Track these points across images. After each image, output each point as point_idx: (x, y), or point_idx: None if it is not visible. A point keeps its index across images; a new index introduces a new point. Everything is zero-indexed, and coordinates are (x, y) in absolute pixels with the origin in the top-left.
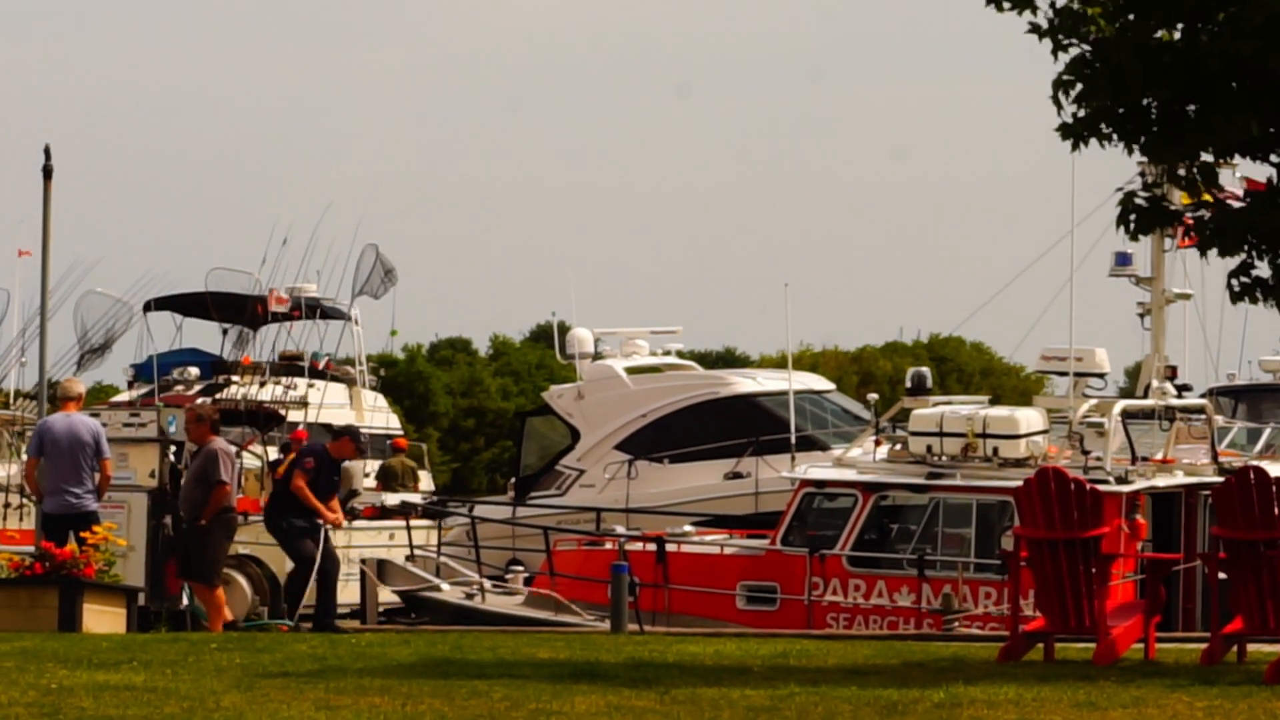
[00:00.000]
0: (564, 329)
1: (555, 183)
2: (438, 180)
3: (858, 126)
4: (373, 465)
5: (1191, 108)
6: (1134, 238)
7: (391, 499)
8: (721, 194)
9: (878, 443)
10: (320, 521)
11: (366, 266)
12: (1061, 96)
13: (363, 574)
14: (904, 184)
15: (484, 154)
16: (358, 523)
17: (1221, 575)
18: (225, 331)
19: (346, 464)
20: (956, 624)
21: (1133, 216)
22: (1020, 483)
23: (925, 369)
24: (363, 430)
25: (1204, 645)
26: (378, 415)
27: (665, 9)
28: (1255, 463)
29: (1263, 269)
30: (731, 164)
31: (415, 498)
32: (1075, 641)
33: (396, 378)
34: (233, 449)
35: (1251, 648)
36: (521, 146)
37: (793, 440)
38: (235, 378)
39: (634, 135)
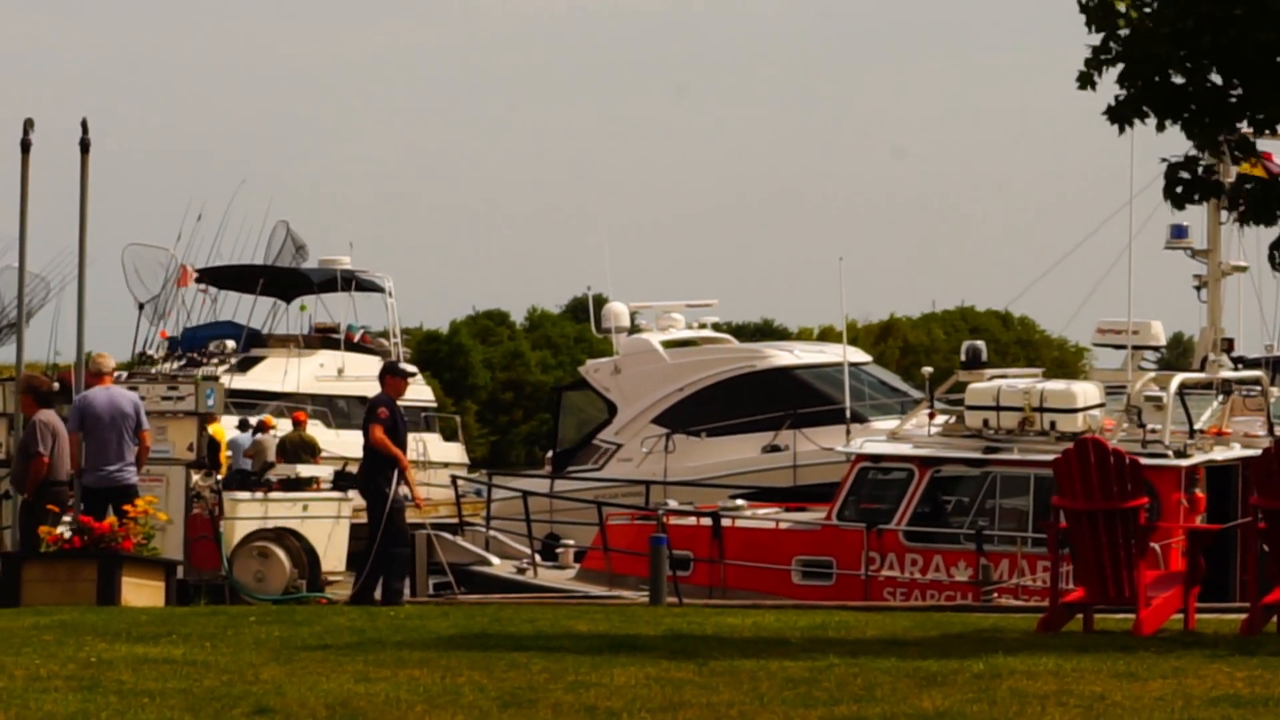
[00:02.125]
0: (600, 302)
1: (590, 155)
2: (475, 155)
3: (901, 97)
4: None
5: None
6: (1179, 207)
7: (304, 470)
8: (757, 164)
9: (931, 416)
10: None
11: (278, 242)
12: (1096, 76)
13: (428, 540)
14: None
15: (521, 128)
16: (273, 494)
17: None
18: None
19: (259, 437)
20: (995, 595)
21: (1178, 189)
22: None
23: (980, 342)
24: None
25: (1244, 615)
26: (413, 388)
27: None
28: None
29: None
30: (768, 133)
31: (319, 470)
32: (1115, 612)
33: (436, 351)
34: (56, 421)
35: None
36: (558, 120)
37: (847, 414)
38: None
39: (669, 106)
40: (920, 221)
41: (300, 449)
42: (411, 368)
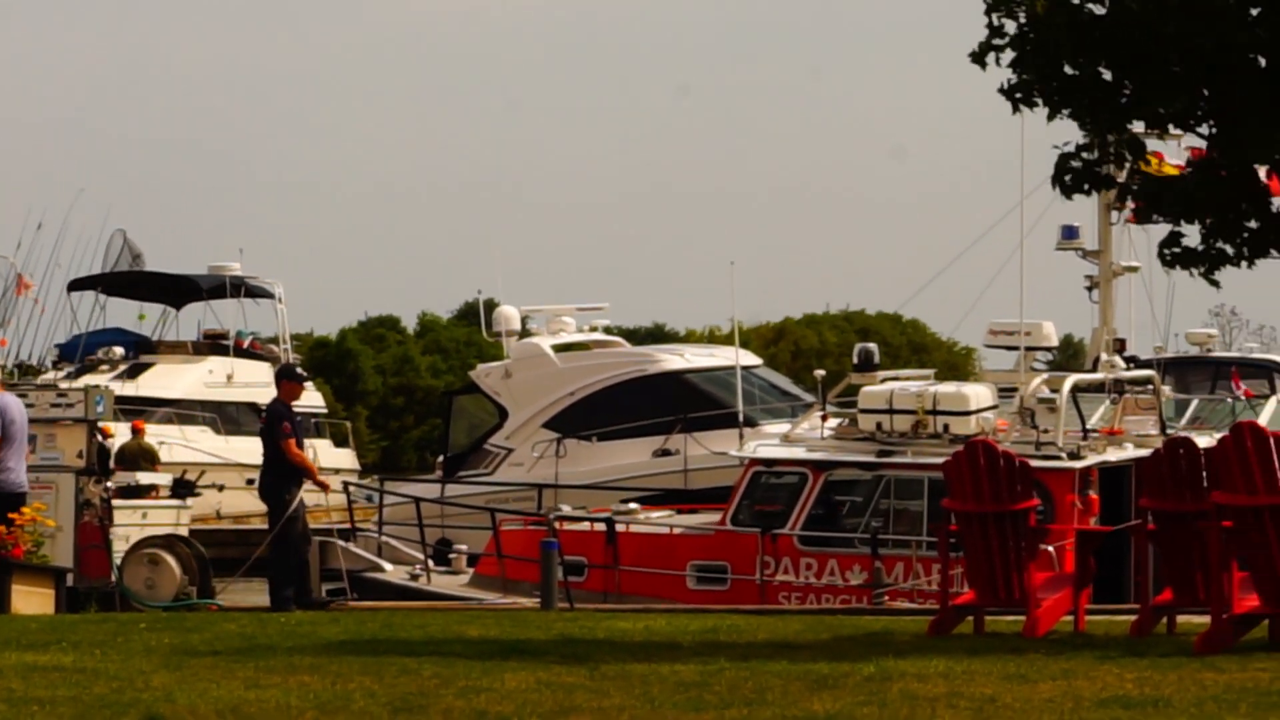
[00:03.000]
0: (490, 306)
1: (481, 159)
2: (366, 161)
3: (791, 96)
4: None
5: (1122, 81)
6: (1069, 196)
7: (144, 478)
8: (648, 167)
9: (824, 419)
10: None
11: (115, 250)
12: (991, 60)
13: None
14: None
15: (410, 134)
16: (116, 501)
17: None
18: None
19: (106, 443)
20: (885, 598)
21: (1067, 178)
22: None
23: (872, 345)
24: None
25: (1134, 617)
26: (304, 394)
27: None
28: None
29: (1192, 238)
30: (658, 136)
31: (158, 478)
32: (1005, 614)
33: (326, 356)
34: None
35: (1181, 619)
36: (447, 126)
37: (740, 418)
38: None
39: (558, 112)
40: (811, 224)
41: (139, 457)
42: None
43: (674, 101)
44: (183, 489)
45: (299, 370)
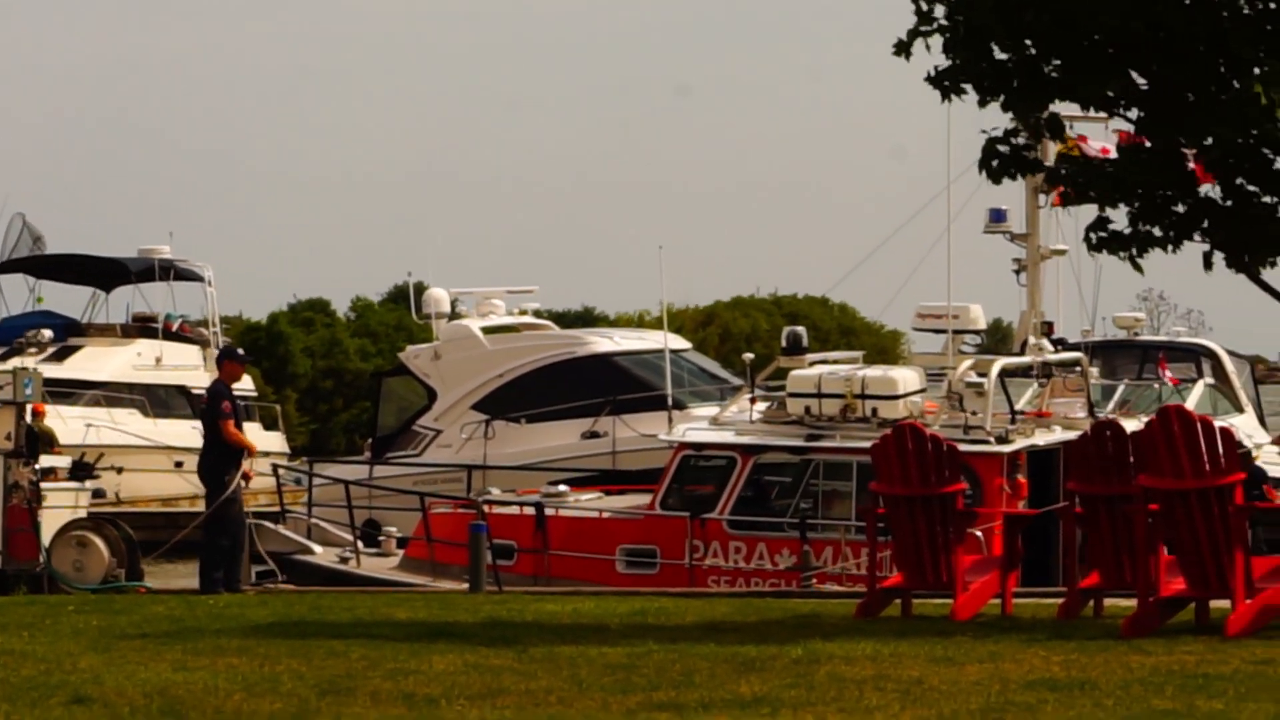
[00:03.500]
0: (420, 289)
1: (411, 142)
2: (296, 143)
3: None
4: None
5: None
6: (996, 181)
7: (43, 461)
8: (577, 152)
9: (753, 402)
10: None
11: (14, 233)
12: (925, 45)
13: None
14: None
15: (341, 116)
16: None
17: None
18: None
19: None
20: (814, 581)
21: (994, 162)
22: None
23: (800, 328)
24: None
25: (1061, 600)
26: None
27: None
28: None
29: (1119, 222)
30: (586, 121)
31: (57, 461)
32: (933, 597)
33: (255, 339)
34: None
35: (1108, 602)
36: (378, 108)
37: (669, 401)
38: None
39: (489, 94)
40: (740, 209)
41: (37, 440)
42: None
43: (604, 87)
44: (81, 472)
45: (240, 351)
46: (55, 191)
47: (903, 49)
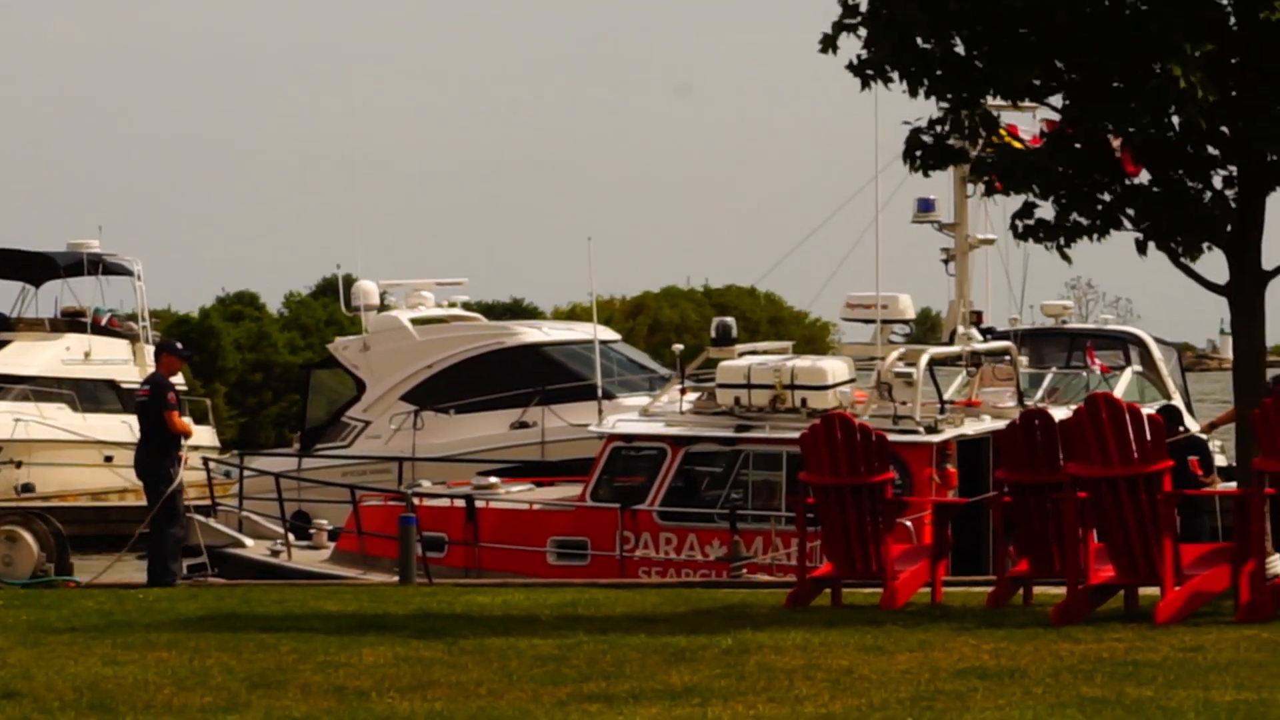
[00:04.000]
0: (349, 282)
1: (341, 134)
2: (225, 137)
3: (645, 73)
4: None
5: (976, 54)
6: (925, 174)
7: None
8: (506, 143)
9: (683, 393)
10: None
11: None
12: (853, 36)
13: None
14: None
15: (270, 110)
16: None
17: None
18: None
19: None
20: (744, 571)
21: (918, 153)
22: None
23: (730, 319)
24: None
25: (991, 588)
26: None
27: None
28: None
29: (1045, 210)
30: (516, 115)
31: None
32: (863, 587)
33: (184, 333)
34: None
35: (1037, 590)
36: (306, 100)
37: (599, 391)
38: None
39: (416, 85)
40: (670, 199)
41: None
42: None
43: (532, 77)
44: None
45: (179, 345)
46: None
47: (828, 44)
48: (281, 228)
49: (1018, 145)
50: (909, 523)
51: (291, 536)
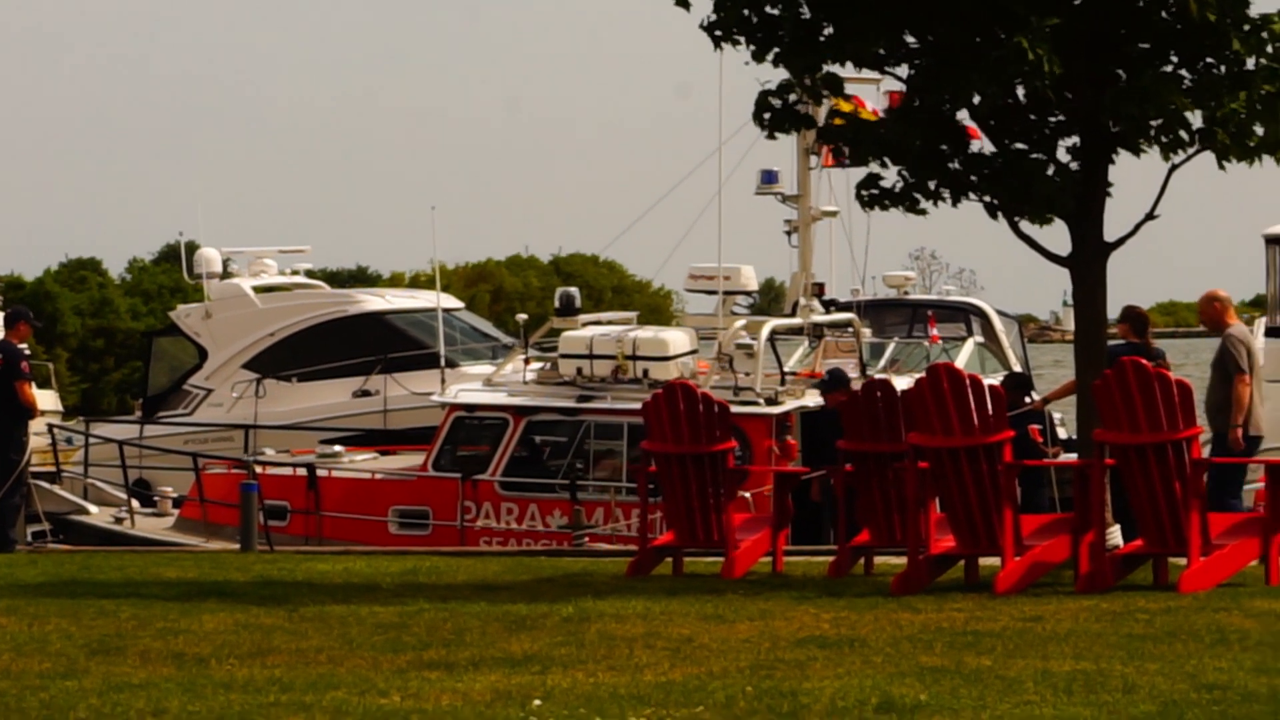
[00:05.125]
0: (192, 248)
1: (183, 100)
2: (66, 99)
3: (490, 39)
4: None
5: (824, 21)
6: (770, 136)
7: None
8: (350, 110)
9: (527, 362)
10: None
11: None
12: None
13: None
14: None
15: (112, 72)
16: None
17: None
18: None
19: None
20: (585, 540)
21: (766, 115)
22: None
23: (573, 289)
24: None
25: (832, 558)
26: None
27: None
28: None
29: (890, 179)
30: (360, 81)
31: None
32: (704, 556)
33: (24, 298)
34: None
35: (878, 560)
36: (147, 65)
37: (442, 360)
38: None
39: (261, 53)
40: (515, 167)
41: None
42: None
43: (375, 44)
44: None
45: (31, 314)
46: None
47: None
48: (125, 194)
49: (866, 115)
50: (747, 495)
51: (137, 504)
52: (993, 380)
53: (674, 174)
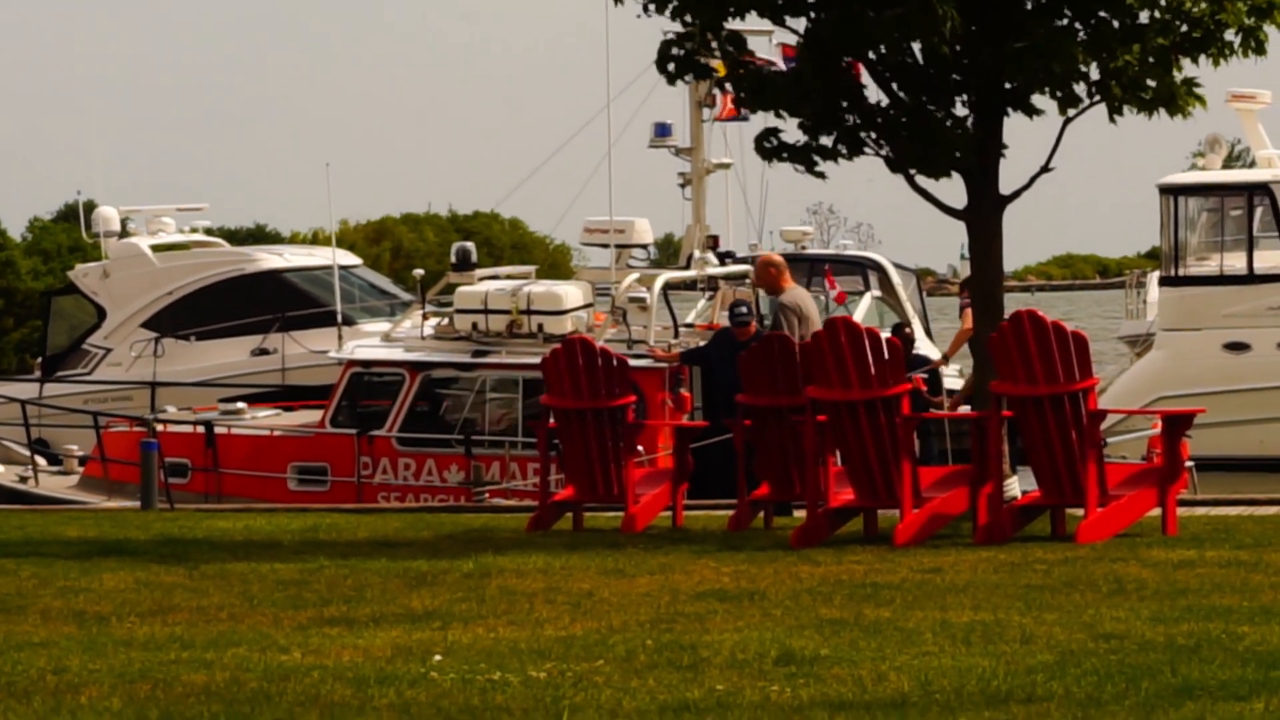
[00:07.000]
0: (90, 208)
1: (82, 58)
2: None
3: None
4: None
5: None
6: (671, 82)
7: None
8: (246, 67)
9: (425, 319)
10: None
11: None
12: None
13: None
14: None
15: (10, 33)
16: None
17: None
18: None
19: None
20: (486, 496)
21: (670, 65)
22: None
23: (470, 244)
24: None
25: (731, 512)
26: None
27: None
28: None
29: (791, 133)
30: (256, 37)
31: None
32: (604, 510)
33: None
34: None
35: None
36: (46, 22)
37: (339, 318)
38: None
39: (153, 6)
40: (411, 123)
41: None
42: None
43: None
44: None
45: None
46: None
47: None
48: (24, 152)
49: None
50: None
51: (42, 462)
52: (886, 332)
53: (571, 126)
